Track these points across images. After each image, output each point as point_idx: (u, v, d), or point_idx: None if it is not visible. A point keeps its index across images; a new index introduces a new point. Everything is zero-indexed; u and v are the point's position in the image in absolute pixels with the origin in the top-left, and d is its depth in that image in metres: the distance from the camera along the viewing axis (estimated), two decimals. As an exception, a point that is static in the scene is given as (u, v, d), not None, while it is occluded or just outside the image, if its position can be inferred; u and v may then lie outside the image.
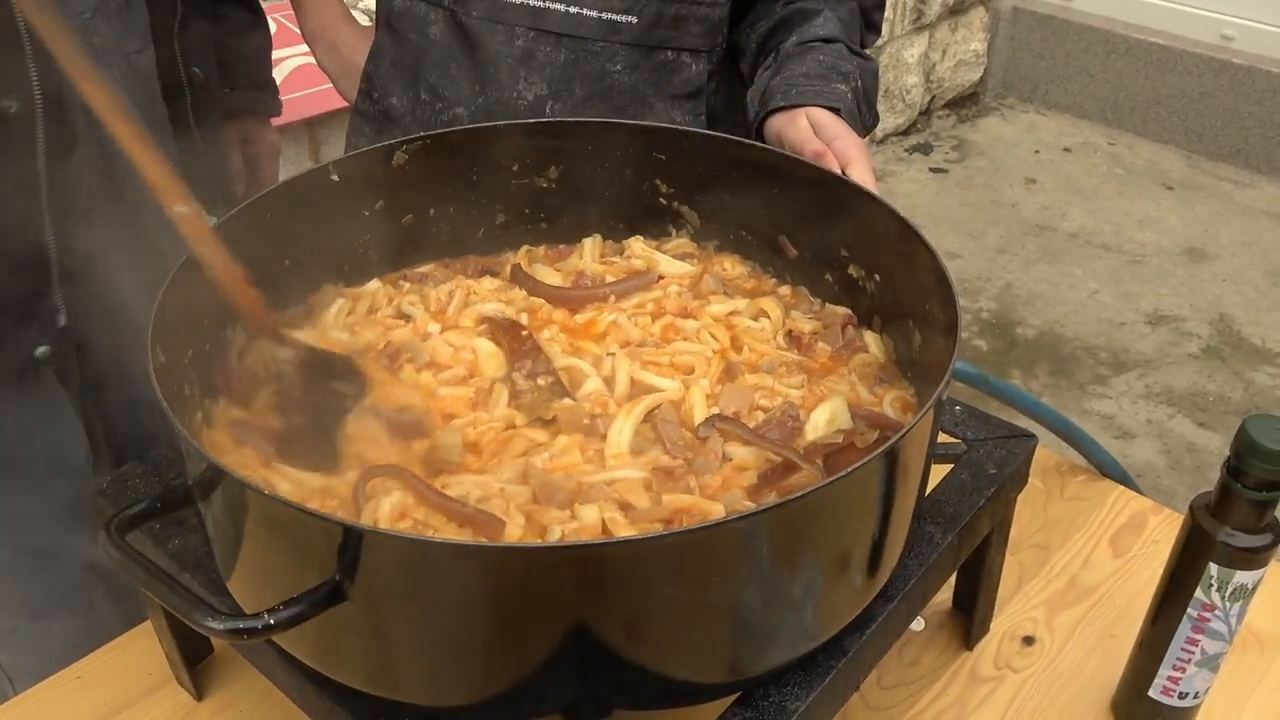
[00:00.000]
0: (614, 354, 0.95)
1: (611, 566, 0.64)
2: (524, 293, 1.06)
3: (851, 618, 0.79)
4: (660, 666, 0.70)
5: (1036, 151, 4.55)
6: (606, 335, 1.00)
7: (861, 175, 1.04)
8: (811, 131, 1.14)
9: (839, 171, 1.03)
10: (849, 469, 0.66)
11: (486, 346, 0.96)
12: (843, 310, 1.03)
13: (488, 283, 1.07)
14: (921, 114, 4.76)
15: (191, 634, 0.98)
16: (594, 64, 1.29)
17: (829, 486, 0.66)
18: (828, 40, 1.27)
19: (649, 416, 0.89)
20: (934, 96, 4.79)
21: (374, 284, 1.06)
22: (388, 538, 0.65)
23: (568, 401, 0.89)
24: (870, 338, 1.01)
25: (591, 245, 1.12)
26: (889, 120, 4.61)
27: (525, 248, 1.12)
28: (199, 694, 1.00)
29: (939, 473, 0.93)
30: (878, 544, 0.76)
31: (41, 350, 1.15)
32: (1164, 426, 3.11)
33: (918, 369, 0.94)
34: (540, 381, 0.91)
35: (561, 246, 1.14)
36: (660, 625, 0.68)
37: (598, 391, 0.92)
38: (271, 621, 0.63)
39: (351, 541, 0.63)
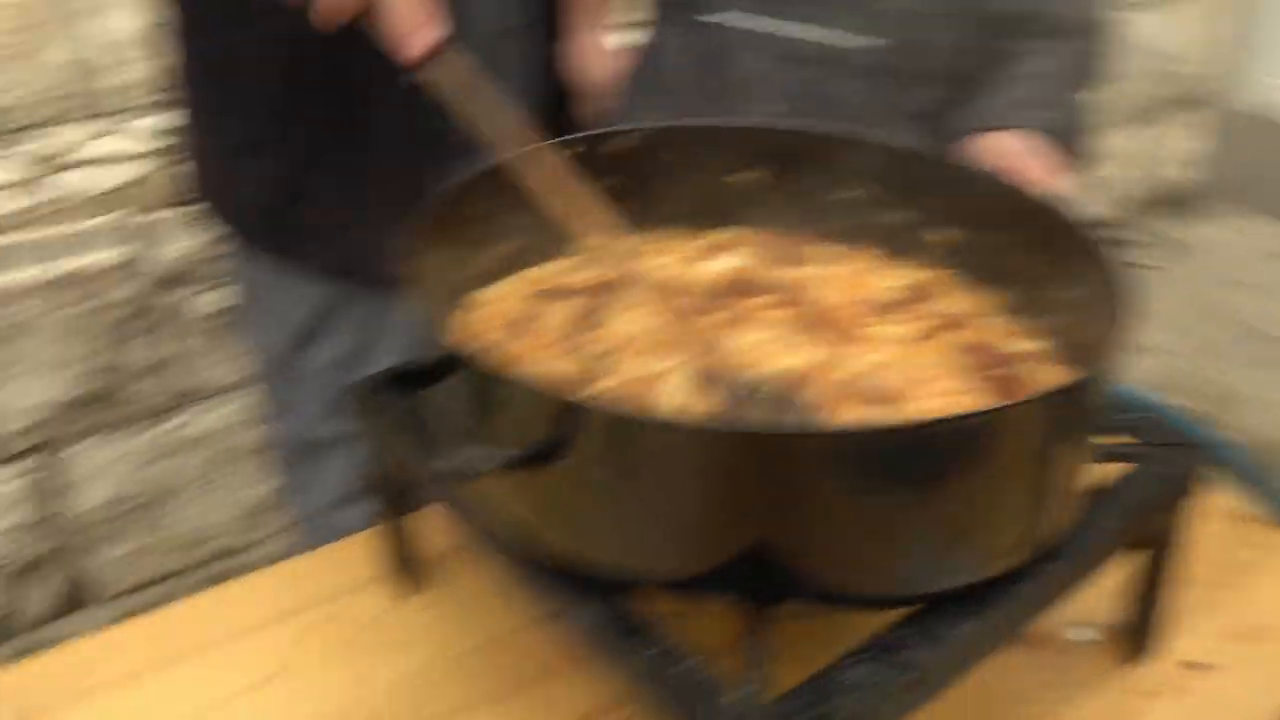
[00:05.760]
0: None
1: (810, 456, 0.69)
2: None
3: (1029, 558, 0.82)
4: (840, 569, 0.75)
5: (1249, 255, 4.37)
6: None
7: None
8: (1021, 154, 1.18)
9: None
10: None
11: None
12: None
13: None
14: (1131, 208, 4.66)
15: (410, 534, 1.07)
16: (832, 86, 1.35)
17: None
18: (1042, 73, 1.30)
19: None
20: (1145, 191, 4.67)
21: None
22: (597, 412, 0.73)
23: None
24: None
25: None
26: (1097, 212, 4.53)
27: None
28: (410, 592, 1.08)
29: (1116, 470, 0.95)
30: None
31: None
32: (1373, 546, 2.91)
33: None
34: None
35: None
36: (852, 526, 0.73)
37: None
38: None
39: (567, 413, 0.72)
